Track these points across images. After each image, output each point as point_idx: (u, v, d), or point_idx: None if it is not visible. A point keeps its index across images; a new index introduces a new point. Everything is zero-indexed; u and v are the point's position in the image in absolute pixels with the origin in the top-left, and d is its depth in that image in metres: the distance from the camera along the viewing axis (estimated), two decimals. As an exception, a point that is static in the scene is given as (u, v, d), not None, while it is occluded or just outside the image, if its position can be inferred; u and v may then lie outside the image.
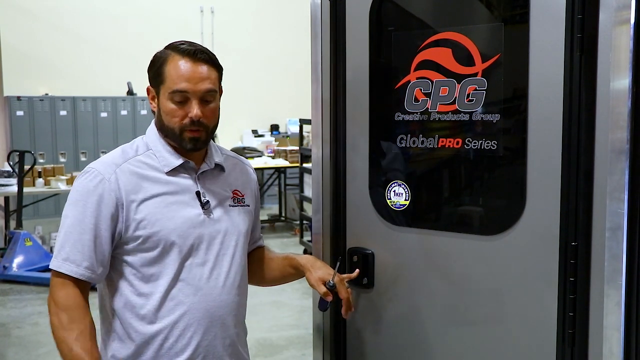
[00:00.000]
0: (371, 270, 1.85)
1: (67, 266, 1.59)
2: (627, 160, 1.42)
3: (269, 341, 4.70)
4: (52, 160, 9.30)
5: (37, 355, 4.56)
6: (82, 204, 1.61)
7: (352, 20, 1.83)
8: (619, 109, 1.42)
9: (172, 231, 1.62)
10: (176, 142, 1.66)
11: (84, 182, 1.63)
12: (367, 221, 1.86)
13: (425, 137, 1.74)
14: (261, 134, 11.04)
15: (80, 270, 1.59)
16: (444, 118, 1.70)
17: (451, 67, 1.67)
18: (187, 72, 1.60)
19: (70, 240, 1.60)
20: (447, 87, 1.69)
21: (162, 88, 1.63)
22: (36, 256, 6.64)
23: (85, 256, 1.59)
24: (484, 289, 1.68)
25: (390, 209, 1.81)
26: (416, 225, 1.79)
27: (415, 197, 1.78)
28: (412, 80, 1.74)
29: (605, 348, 1.48)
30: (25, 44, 9.60)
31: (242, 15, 10.86)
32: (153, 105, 1.70)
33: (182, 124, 1.62)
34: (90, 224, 1.59)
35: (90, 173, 1.64)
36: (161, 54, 1.66)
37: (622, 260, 1.44)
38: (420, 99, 1.73)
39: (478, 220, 1.72)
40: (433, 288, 1.77)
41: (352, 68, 1.85)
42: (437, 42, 1.69)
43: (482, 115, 1.64)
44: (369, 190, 1.85)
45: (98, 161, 1.68)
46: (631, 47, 1.40)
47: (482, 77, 1.63)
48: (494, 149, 1.63)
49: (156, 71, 1.65)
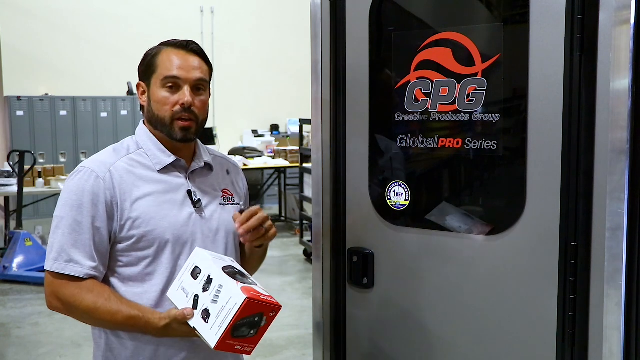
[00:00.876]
0: (371, 270, 1.86)
1: (72, 267, 1.58)
2: (627, 160, 1.42)
3: (269, 341, 4.69)
4: (52, 160, 9.30)
5: (37, 355, 4.56)
6: (78, 204, 1.59)
7: (352, 20, 1.83)
8: (619, 109, 1.42)
9: (166, 230, 1.62)
10: (166, 133, 1.66)
11: (78, 181, 1.61)
12: (367, 221, 1.86)
13: (426, 137, 1.74)
14: (261, 134, 11.04)
15: (85, 270, 1.58)
16: (444, 118, 1.70)
17: (451, 67, 1.68)
18: (179, 61, 1.64)
19: (70, 242, 1.58)
20: (447, 87, 1.69)
21: (154, 78, 1.65)
22: (36, 256, 6.64)
23: (87, 256, 1.58)
24: (484, 289, 1.68)
25: (390, 209, 1.81)
26: (416, 225, 1.79)
27: (415, 197, 1.78)
28: (412, 80, 1.74)
29: (605, 348, 1.48)
30: (25, 44, 9.59)
31: (242, 15, 10.86)
32: (143, 100, 1.70)
33: (173, 111, 1.63)
34: (88, 223, 1.58)
35: (84, 172, 1.62)
36: (152, 49, 1.70)
37: (622, 260, 1.44)
38: (421, 99, 1.73)
39: (477, 220, 1.71)
40: (433, 288, 1.77)
41: (352, 68, 1.85)
42: (437, 42, 1.69)
43: (482, 115, 1.64)
44: (369, 190, 1.85)
45: (90, 160, 1.66)
46: (631, 47, 1.40)
47: (482, 77, 1.63)
48: (494, 149, 1.63)
49: (147, 64, 1.67)
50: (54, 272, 1.59)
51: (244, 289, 1.43)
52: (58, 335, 4.91)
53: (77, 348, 4.66)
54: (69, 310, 1.60)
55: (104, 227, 1.60)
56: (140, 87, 1.71)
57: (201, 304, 1.48)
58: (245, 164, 8.74)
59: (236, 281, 1.46)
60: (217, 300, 1.45)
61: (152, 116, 1.67)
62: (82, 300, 1.57)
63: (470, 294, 1.71)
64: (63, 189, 1.64)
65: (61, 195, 1.63)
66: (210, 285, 1.48)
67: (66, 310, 1.60)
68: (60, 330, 5.00)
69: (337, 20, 1.85)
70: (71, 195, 1.61)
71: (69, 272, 1.57)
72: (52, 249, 1.60)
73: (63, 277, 1.58)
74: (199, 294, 1.49)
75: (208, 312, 1.46)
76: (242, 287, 1.44)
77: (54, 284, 1.59)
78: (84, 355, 4.55)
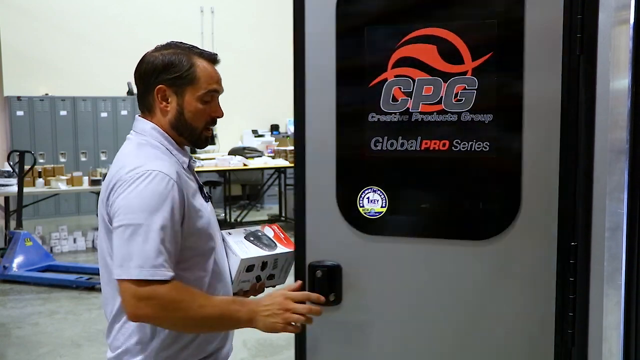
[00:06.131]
0: (338, 284, 1.67)
1: (162, 272, 1.56)
2: (627, 160, 1.42)
3: (269, 341, 4.70)
4: (52, 160, 9.32)
5: (37, 355, 4.56)
6: (161, 210, 1.57)
7: (316, 10, 1.66)
8: (619, 108, 1.42)
9: (209, 225, 1.73)
10: (191, 140, 1.76)
11: (153, 186, 1.59)
12: (334, 231, 1.68)
13: (406, 140, 1.61)
14: (261, 134, 11.06)
15: (171, 273, 1.57)
16: (428, 119, 1.59)
17: (436, 65, 1.57)
18: (215, 75, 1.75)
19: (154, 247, 1.55)
20: (431, 86, 1.58)
21: (192, 88, 1.70)
22: (36, 256, 6.65)
23: (171, 259, 1.59)
24: (477, 296, 1.63)
25: (362, 217, 1.65)
26: (396, 233, 1.66)
27: (394, 203, 1.64)
28: (389, 78, 1.61)
29: (605, 348, 1.48)
30: (25, 44, 9.60)
31: (242, 15, 10.87)
32: (165, 105, 1.71)
33: (206, 122, 1.74)
34: (172, 229, 1.58)
35: (159, 177, 1.60)
36: (181, 56, 1.70)
37: (622, 260, 1.44)
38: (400, 99, 1.60)
39: (469, 224, 1.65)
40: (416, 302, 1.66)
41: (315, 63, 1.68)
42: (419, 39, 1.58)
43: (473, 115, 1.57)
44: (337, 197, 1.67)
45: (152, 163, 1.63)
46: (631, 47, 1.40)
47: (472, 75, 1.56)
48: (485, 151, 1.57)
49: (182, 73, 1.69)
50: (141, 280, 1.54)
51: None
52: (58, 335, 4.91)
53: (77, 348, 4.67)
54: (163, 313, 1.57)
55: (179, 230, 1.62)
56: (162, 91, 1.70)
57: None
58: (245, 164, 8.74)
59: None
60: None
61: (182, 124, 1.72)
62: (180, 302, 1.56)
63: (460, 303, 1.62)
64: (137, 195, 1.59)
65: (132, 202, 1.58)
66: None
67: (160, 315, 1.57)
68: (60, 330, 5.01)
69: (299, 10, 1.68)
70: (150, 201, 1.58)
71: (159, 277, 1.54)
72: (131, 257, 1.56)
73: (151, 284, 1.55)
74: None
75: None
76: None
77: (142, 291, 1.55)
78: (84, 355, 4.55)
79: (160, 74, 1.70)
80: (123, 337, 1.70)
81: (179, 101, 1.71)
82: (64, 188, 7.41)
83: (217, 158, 8.73)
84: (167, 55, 1.71)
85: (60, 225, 7.91)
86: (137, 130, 1.75)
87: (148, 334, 1.68)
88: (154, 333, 1.68)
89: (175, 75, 1.69)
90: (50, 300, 5.80)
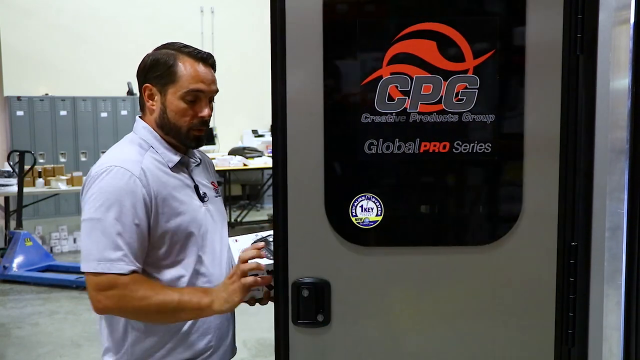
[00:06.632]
0: (327, 303, 1.53)
1: (118, 266, 1.58)
2: (627, 160, 1.42)
3: (269, 341, 4.69)
4: (52, 160, 9.31)
5: (37, 355, 4.56)
6: (118, 204, 1.59)
7: (299, 4, 1.50)
8: (619, 108, 1.42)
9: (190, 223, 1.70)
10: (178, 140, 1.73)
11: (112, 181, 1.61)
12: (321, 244, 1.54)
13: (404, 142, 1.51)
14: (261, 134, 11.04)
15: (130, 267, 1.59)
16: (428, 119, 1.50)
17: (436, 62, 1.49)
18: (201, 74, 1.70)
19: (111, 242, 1.58)
20: (431, 84, 1.49)
21: (173, 87, 1.68)
22: (36, 256, 6.65)
23: (131, 253, 1.59)
24: (481, 302, 1.58)
25: (355, 227, 1.52)
26: (392, 243, 1.56)
27: (390, 211, 1.52)
28: (384, 75, 1.49)
29: (605, 348, 1.48)
30: (25, 44, 9.60)
31: (242, 15, 10.86)
32: (152, 104, 1.73)
33: (191, 123, 1.71)
34: (131, 223, 1.60)
35: (116, 172, 1.62)
36: (167, 55, 1.70)
37: (622, 260, 1.44)
38: (396, 98, 1.49)
39: (470, 229, 1.62)
40: (414, 318, 1.58)
41: (298, 60, 1.52)
42: (417, 34, 1.49)
43: (475, 115, 1.51)
44: (325, 206, 1.53)
45: (117, 159, 1.66)
46: (631, 47, 1.40)
47: (473, 74, 1.50)
48: (487, 152, 1.52)
49: (164, 70, 1.69)
50: (99, 273, 1.58)
51: None
52: (58, 335, 4.91)
53: (77, 348, 4.67)
54: (122, 304, 1.59)
55: (144, 225, 1.62)
56: (148, 90, 1.72)
57: None
58: (245, 164, 8.74)
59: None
60: None
61: (166, 123, 1.72)
62: (137, 291, 1.58)
63: (463, 310, 1.56)
64: (95, 191, 1.62)
65: (94, 197, 1.61)
66: None
67: (119, 305, 1.60)
68: (60, 330, 5.01)
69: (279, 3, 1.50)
70: (107, 195, 1.60)
71: (116, 271, 1.57)
72: (91, 251, 1.59)
73: (110, 276, 1.58)
74: None
75: None
76: None
77: (101, 283, 1.58)
78: (84, 355, 4.55)
79: (147, 73, 1.72)
80: (104, 337, 1.75)
81: (162, 99, 1.71)
82: (64, 188, 7.41)
83: (217, 158, 8.72)
84: (156, 54, 1.73)
85: (60, 225, 7.92)
86: (134, 129, 1.79)
87: (120, 331, 1.71)
88: (125, 331, 1.70)
89: (158, 73, 1.70)
90: (50, 300, 5.80)
